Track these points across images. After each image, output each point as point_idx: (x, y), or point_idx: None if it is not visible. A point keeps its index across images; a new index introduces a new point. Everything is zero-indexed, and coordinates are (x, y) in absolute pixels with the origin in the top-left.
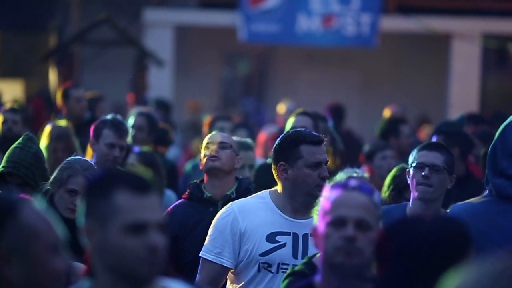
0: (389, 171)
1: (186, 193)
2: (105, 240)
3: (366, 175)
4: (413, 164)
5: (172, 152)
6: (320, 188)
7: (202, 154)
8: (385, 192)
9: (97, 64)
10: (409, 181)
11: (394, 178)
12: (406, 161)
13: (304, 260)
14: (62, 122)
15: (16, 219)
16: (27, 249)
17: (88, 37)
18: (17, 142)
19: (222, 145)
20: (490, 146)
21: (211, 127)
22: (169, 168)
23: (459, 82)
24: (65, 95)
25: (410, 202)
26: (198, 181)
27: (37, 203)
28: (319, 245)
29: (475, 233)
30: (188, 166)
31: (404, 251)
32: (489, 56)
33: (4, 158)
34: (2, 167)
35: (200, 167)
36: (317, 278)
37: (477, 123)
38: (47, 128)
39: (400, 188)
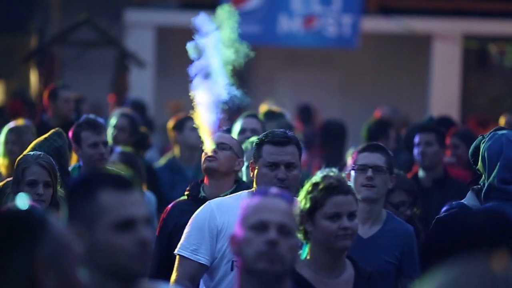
0: None
1: (187, 191)
2: (95, 241)
3: (344, 175)
4: (355, 167)
5: (149, 154)
6: None
7: (203, 155)
8: None
9: (77, 65)
10: (350, 184)
11: None
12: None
13: None
14: (20, 121)
15: (49, 231)
16: (61, 261)
17: (68, 38)
18: (46, 134)
19: (221, 146)
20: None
21: (181, 129)
22: (146, 170)
23: (440, 83)
24: (53, 95)
25: None
26: (200, 180)
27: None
28: (237, 251)
29: None
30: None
31: (459, 244)
32: (470, 57)
33: (30, 145)
34: (28, 151)
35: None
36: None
37: (449, 126)
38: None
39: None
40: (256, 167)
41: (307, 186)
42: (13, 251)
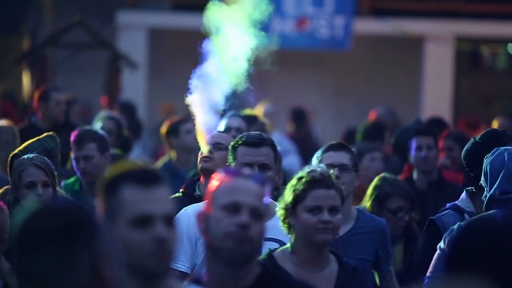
0: (377, 173)
1: (182, 188)
2: (115, 236)
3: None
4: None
5: (135, 153)
6: None
7: (199, 154)
8: (366, 201)
9: (70, 66)
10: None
11: (375, 188)
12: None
13: (264, 254)
14: (1, 122)
15: (100, 227)
16: (112, 254)
17: (61, 40)
18: (39, 136)
19: (218, 146)
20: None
21: (176, 133)
22: None
23: (433, 84)
24: (45, 97)
25: None
26: (196, 178)
27: None
28: (204, 229)
29: None
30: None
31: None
32: (462, 58)
33: (21, 146)
34: (18, 150)
35: None
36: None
37: (441, 127)
38: None
39: (380, 198)
40: None
41: (292, 180)
42: (79, 247)
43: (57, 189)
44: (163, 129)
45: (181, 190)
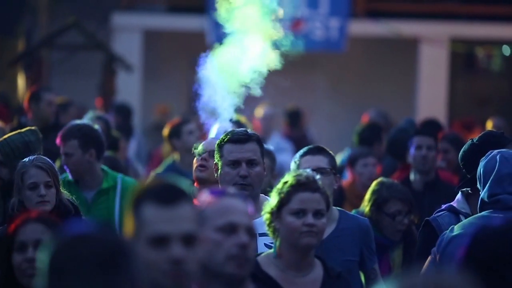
0: (370, 179)
1: None
2: (137, 253)
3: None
4: None
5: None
6: (239, 186)
7: (194, 160)
8: (365, 206)
9: (65, 68)
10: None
11: (373, 193)
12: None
13: None
14: None
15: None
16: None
17: (56, 42)
18: (22, 129)
19: (212, 153)
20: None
21: (179, 135)
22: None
23: (427, 86)
24: (36, 98)
25: None
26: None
27: None
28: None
29: None
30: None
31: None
32: (457, 60)
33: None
34: None
35: None
36: None
37: (436, 129)
38: None
39: (378, 203)
40: (219, 168)
41: (279, 184)
42: (121, 275)
43: (61, 191)
44: (165, 131)
45: None
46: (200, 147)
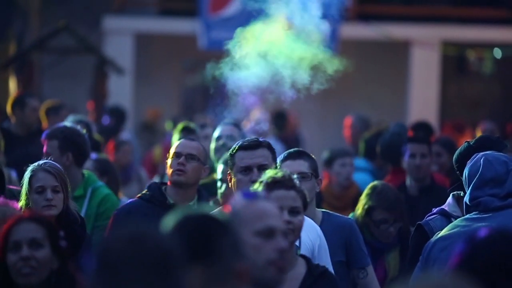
0: (348, 179)
1: (144, 194)
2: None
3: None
4: None
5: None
6: None
7: (169, 162)
8: (358, 208)
9: (56, 71)
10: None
11: (365, 196)
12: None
13: None
14: None
15: None
16: None
17: (47, 45)
18: None
19: (190, 157)
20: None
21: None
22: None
23: (419, 88)
24: (21, 104)
25: None
26: (159, 183)
27: None
28: None
29: None
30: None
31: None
32: (449, 63)
33: None
34: None
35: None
36: None
37: (427, 132)
38: None
39: (366, 209)
40: (232, 176)
41: (256, 184)
42: (171, 278)
43: (69, 197)
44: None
45: (138, 196)
46: (176, 149)
